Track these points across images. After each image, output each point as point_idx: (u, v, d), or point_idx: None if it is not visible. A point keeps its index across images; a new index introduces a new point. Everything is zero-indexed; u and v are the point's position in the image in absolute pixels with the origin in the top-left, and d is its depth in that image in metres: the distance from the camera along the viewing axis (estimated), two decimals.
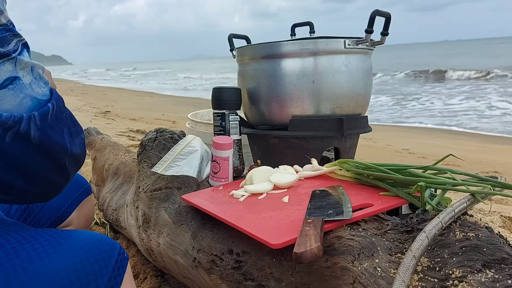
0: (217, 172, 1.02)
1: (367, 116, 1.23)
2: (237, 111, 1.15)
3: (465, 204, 0.63)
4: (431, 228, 0.56)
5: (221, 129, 1.12)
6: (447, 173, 0.74)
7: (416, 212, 0.67)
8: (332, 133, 1.11)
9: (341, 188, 0.81)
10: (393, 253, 0.57)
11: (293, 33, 1.43)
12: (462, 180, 0.71)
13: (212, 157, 1.03)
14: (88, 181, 1.54)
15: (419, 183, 0.68)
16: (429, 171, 0.78)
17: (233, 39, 1.34)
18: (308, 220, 0.64)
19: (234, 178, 1.09)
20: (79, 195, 1.08)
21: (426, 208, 0.66)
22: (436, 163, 0.79)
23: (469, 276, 0.48)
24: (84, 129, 1.98)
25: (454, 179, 0.71)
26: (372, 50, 1.16)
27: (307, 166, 0.99)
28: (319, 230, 0.60)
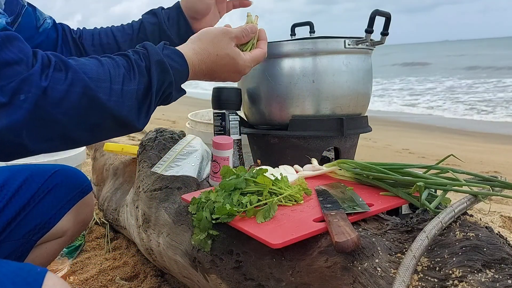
0: (217, 172, 1.02)
1: (367, 116, 1.22)
2: (237, 111, 1.15)
3: (465, 204, 0.63)
4: (431, 228, 0.56)
5: (221, 129, 1.12)
6: (448, 172, 0.74)
7: (416, 212, 0.67)
8: (332, 133, 1.11)
9: (342, 184, 0.81)
10: (393, 253, 0.57)
11: (293, 33, 1.43)
12: (464, 179, 0.71)
13: (212, 157, 1.03)
14: None
15: (418, 183, 0.68)
16: (431, 171, 0.78)
17: None
18: (331, 213, 0.65)
19: None
20: (72, 197, 0.96)
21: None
22: (437, 163, 0.79)
23: (469, 276, 0.48)
24: None
25: (456, 178, 0.71)
26: (372, 50, 1.16)
27: (307, 166, 0.99)
28: (349, 221, 0.61)
